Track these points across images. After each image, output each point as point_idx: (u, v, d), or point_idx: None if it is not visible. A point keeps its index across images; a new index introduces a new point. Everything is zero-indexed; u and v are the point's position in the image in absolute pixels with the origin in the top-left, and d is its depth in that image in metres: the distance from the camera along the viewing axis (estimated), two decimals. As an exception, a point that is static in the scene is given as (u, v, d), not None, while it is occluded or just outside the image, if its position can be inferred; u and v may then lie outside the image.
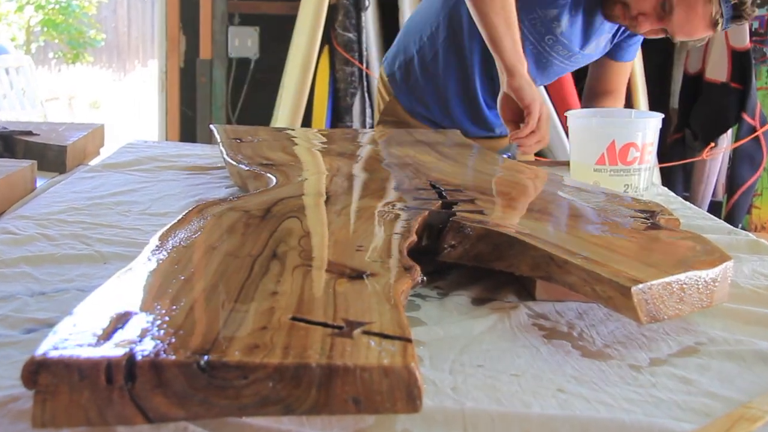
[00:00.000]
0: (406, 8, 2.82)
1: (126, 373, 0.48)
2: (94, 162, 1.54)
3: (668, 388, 0.61)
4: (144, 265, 0.67)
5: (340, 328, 0.54)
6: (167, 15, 3.19)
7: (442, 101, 1.74)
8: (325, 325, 0.55)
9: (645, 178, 1.25)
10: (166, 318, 0.56)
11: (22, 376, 0.48)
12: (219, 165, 1.36)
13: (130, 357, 0.49)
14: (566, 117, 1.31)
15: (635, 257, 0.74)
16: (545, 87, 2.59)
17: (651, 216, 0.88)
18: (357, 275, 0.66)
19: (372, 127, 2.94)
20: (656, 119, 1.26)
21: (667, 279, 0.69)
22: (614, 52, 1.74)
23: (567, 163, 1.40)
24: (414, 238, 0.79)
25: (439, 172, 1.10)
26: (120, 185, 1.24)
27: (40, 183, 1.30)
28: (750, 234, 1.07)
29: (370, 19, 3.04)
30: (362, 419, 0.54)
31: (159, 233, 0.76)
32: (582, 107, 1.87)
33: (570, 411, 0.57)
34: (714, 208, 2.69)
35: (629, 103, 2.73)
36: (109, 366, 0.48)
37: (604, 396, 0.60)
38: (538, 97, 1.44)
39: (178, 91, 3.22)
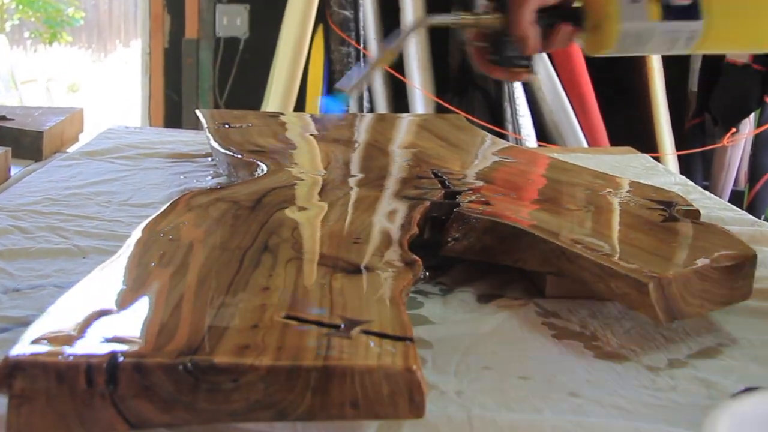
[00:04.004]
0: (406, -16, 2.80)
1: (107, 376, 0.48)
2: (72, 149, 1.54)
3: (689, 392, 0.61)
4: (125, 259, 0.67)
5: (337, 327, 0.54)
6: (150, -8, 3.17)
7: None
8: (320, 323, 0.55)
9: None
10: (150, 316, 0.55)
11: (-6, 380, 0.48)
12: (205, 152, 1.36)
13: (112, 358, 0.49)
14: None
15: (653, 251, 0.74)
16: (558, 74, 2.58)
17: (669, 207, 0.88)
18: (354, 270, 0.66)
19: (370, 111, 2.93)
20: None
21: (688, 275, 0.68)
22: None
23: (578, 149, 1.40)
24: (415, 230, 0.78)
25: (442, 159, 1.10)
26: (100, 174, 1.23)
27: (14, 171, 1.30)
28: (774, 226, 1.06)
29: (367, -5, 3.02)
30: (360, 425, 0.53)
31: (141, 225, 0.76)
32: None
33: (584, 417, 0.57)
34: (735, 198, 2.68)
35: (643, 86, 2.71)
36: (89, 368, 0.48)
37: (620, 400, 0.59)
38: None
39: (162, 73, 3.20)
